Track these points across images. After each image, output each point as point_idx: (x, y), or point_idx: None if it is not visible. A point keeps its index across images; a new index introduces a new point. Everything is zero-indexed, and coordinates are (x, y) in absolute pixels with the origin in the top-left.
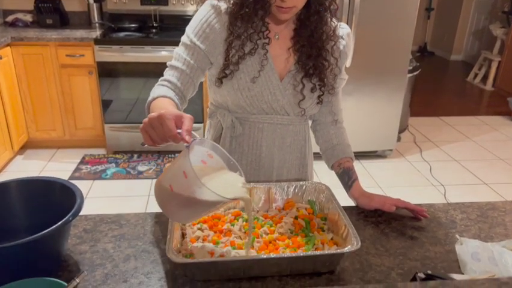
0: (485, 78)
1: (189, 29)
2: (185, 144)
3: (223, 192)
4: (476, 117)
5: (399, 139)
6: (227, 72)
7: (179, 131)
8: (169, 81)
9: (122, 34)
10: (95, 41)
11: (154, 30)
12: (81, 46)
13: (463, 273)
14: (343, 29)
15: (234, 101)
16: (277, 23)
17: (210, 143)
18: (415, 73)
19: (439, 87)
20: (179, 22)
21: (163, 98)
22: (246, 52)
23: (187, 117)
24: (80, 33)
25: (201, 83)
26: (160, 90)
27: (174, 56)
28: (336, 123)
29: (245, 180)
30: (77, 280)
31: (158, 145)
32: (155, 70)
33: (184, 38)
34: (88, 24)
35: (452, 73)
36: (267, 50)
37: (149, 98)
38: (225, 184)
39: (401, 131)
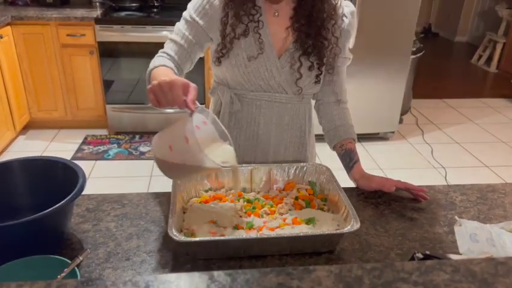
0: (489, 60)
1: (190, 4)
2: (189, 112)
3: (218, 160)
4: (479, 100)
5: (401, 121)
6: (224, 52)
7: (184, 98)
8: (167, 54)
9: (123, 13)
10: (96, 21)
11: (155, 10)
12: (82, 26)
13: (460, 254)
14: (347, 7)
15: (233, 77)
16: (273, 1)
17: (207, 112)
18: (419, 54)
19: (443, 69)
20: (181, 1)
21: (164, 67)
22: (239, 33)
23: (193, 87)
24: (80, 12)
25: (202, 62)
26: (159, 60)
27: (175, 30)
28: (340, 103)
29: (233, 149)
30: (81, 258)
31: (162, 108)
32: (157, 50)
33: (185, 13)
34: (89, 3)
35: (456, 55)
36: (260, 34)
37: (151, 67)
38: (220, 153)
39: (403, 113)
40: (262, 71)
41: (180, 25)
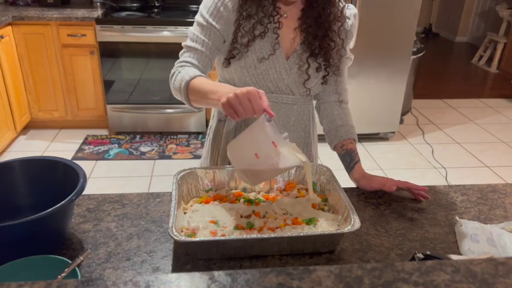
0: (490, 61)
1: (203, 8)
2: (267, 117)
3: (302, 157)
4: (480, 100)
5: (401, 121)
6: (235, 53)
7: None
8: (191, 63)
9: (123, 14)
10: (97, 21)
11: (156, 10)
12: (82, 26)
13: (461, 255)
14: (350, 10)
15: (241, 78)
16: (286, 3)
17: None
18: (419, 55)
19: (443, 69)
20: (182, 2)
21: (201, 77)
22: (256, 35)
23: (263, 93)
24: (81, 12)
25: None
26: (192, 70)
27: (190, 36)
28: (341, 103)
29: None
30: (81, 258)
31: (238, 119)
32: (157, 50)
33: (198, 18)
34: (89, 3)
35: (456, 55)
36: (278, 35)
37: (186, 79)
38: (292, 149)
39: (403, 113)
40: (272, 72)
41: (196, 31)
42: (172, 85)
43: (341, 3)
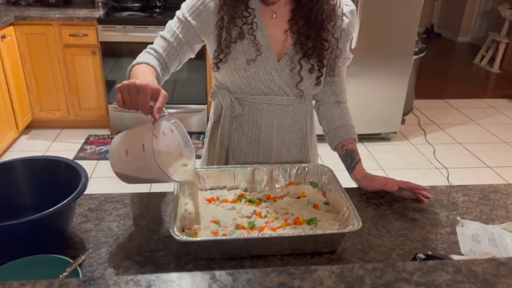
0: (492, 61)
1: (184, 4)
2: (153, 120)
3: (171, 173)
4: (481, 100)
5: (403, 122)
6: (221, 57)
7: (151, 104)
8: (155, 50)
9: (125, 14)
10: (99, 21)
11: (157, 10)
12: (84, 26)
13: (462, 255)
14: (347, 6)
15: (232, 81)
16: (268, 3)
17: (174, 121)
18: (421, 55)
19: (445, 69)
20: (183, 1)
21: (146, 64)
22: (234, 36)
23: (163, 95)
24: (83, 12)
25: (203, 64)
26: (145, 57)
27: (166, 27)
28: (340, 104)
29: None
30: (83, 257)
31: (127, 110)
32: None
33: (178, 12)
34: (91, 3)
35: (458, 55)
36: (254, 36)
37: (133, 62)
38: (178, 166)
39: (405, 113)
40: (262, 74)
41: (172, 23)
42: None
43: (332, 1)
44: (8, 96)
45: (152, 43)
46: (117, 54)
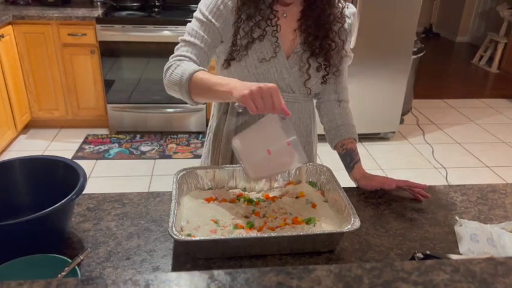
0: (490, 61)
1: (203, 5)
2: (284, 116)
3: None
4: (480, 100)
5: (402, 121)
6: (234, 55)
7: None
8: (189, 58)
9: (124, 13)
10: (97, 20)
11: (156, 9)
12: (83, 25)
13: (461, 254)
14: (349, 9)
15: (241, 78)
16: (284, 4)
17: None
18: (420, 55)
19: (444, 69)
20: (182, 1)
21: (203, 71)
22: (255, 38)
23: (279, 92)
24: (81, 11)
25: None
26: (189, 65)
27: (189, 31)
28: (341, 102)
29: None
30: (81, 257)
31: (257, 113)
32: (158, 50)
33: (197, 14)
34: (90, 2)
35: (457, 55)
36: (277, 38)
37: (188, 72)
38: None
39: (404, 113)
40: (273, 72)
41: (195, 26)
42: (169, 78)
43: (340, 4)
44: (6, 95)
45: (150, 43)
46: (116, 54)
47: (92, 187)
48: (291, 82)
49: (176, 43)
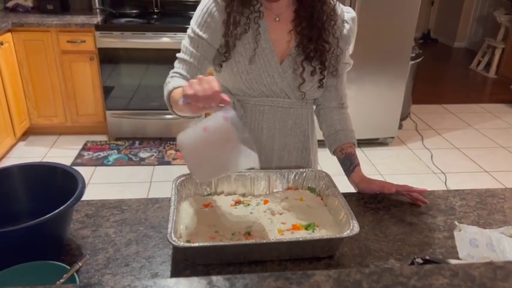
0: (488, 66)
1: (193, 21)
2: (230, 115)
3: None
4: (478, 105)
5: (400, 127)
6: (226, 55)
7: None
8: (179, 74)
9: (123, 20)
10: (96, 27)
11: (155, 16)
12: (82, 32)
13: (460, 259)
14: (348, 13)
15: (234, 84)
16: (271, 0)
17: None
18: (418, 60)
19: (442, 74)
20: (181, 8)
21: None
22: (240, 32)
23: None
24: (81, 19)
25: None
26: (176, 81)
27: (182, 48)
28: (341, 108)
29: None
30: (80, 264)
31: (196, 104)
32: (157, 56)
33: (188, 31)
34: (89, 9)
35: (455, 60)
36: (259, 25)
37: (169, 88)
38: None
39: (402, 118)
40: (264, 77)
41: (186, 43)
42: (164, 95)
43: (332, 1)
44: (5, 102)
45: (149, 49)
46: (115, 61)
47: (91, 193)
48: (285, 87)
49: (175, 49)
